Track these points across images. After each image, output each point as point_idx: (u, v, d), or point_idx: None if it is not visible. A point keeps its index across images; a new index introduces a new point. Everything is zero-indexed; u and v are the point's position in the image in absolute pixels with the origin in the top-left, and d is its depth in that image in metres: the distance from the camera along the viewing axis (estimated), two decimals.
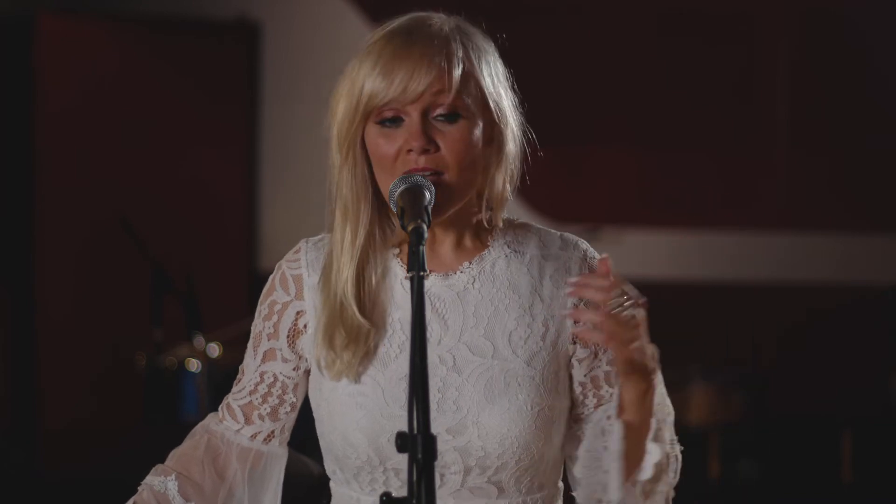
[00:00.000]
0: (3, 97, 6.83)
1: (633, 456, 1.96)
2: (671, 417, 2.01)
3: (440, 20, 2.00)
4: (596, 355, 2.03)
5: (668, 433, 2.00)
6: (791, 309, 7.14)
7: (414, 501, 1.66)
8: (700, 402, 6.58)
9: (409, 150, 1.95)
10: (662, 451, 1.96)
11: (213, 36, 7.09)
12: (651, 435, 1.95)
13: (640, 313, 1.89)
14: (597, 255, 2.07)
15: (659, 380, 1.98)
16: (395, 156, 1.96)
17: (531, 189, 2.17)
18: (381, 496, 1.69)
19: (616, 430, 1.94)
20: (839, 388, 7.06)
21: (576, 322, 1.97)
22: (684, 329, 6.81)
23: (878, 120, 7.20)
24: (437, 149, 1.95)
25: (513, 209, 2.08)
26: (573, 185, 7.13)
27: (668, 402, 2.01)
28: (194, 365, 4.97)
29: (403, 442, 1.68)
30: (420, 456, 1.67)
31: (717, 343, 7.01)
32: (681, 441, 2.02)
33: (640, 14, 7.22)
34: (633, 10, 7.22)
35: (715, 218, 7.26)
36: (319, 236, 2.10)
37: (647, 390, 1.94)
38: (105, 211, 6.47)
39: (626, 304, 1.88)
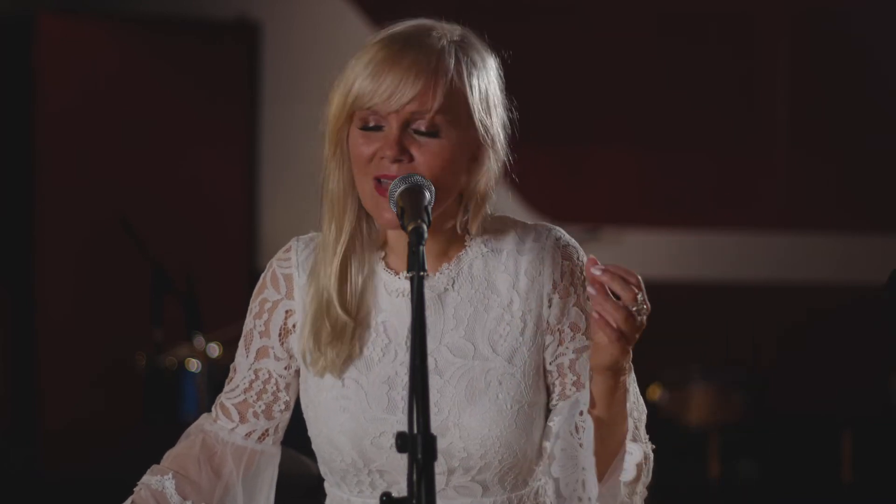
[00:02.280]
0: (3, 97, 6.83)
1: (603, 453, 1.96)
2: (644, 416, 2.03)
3: (442, 31, 2.00)
4: (561, 342, 2.04)
5: (643, 433, 2.02)
6: (791, 309, 7.13)
7: (414, 501, 1.66)
8: (700, 402, 6.57)
9: (383, 157, 1.96)
10: (642, 450, 1.98)
11: (213, 36, 7.09)
12: (630, 435, 1.96)
13: (645, 320, 1.90)
14: (571, 241, 2.08)
15: (633, 381, 2.00)
16: (370, 157, 1.97)
17: (532, 189, 2.17)
18: (381, 496, 1.69)
19: (588, 425, 1.95)
20: (839, 388, 7.06)
21: (595, 310, 1.89)
22: (684, 329, 6.80)
23: (878, 120, 7.20)
24: (411, 159, 1.95)
25: (513, 209, 2.09)
26: (573, 185, 7.12)
27: (641, 402, 2.03)
28: (194, 365, 4.97)
29: (403, 442, 1.68)
30: (420, 456, 1.67)
31: (717, 343, 7.00)
32: (681, 441, 2.04)
33: (640, 14, 7.22)
34: (633, 10, 7.22)
35: (715, 218, 7.26)
36: (310, 234, 2.12)
37: (616, 386, 1.94)
38: (105, 211, 6.46)
39: (643, 309, 1.88)
